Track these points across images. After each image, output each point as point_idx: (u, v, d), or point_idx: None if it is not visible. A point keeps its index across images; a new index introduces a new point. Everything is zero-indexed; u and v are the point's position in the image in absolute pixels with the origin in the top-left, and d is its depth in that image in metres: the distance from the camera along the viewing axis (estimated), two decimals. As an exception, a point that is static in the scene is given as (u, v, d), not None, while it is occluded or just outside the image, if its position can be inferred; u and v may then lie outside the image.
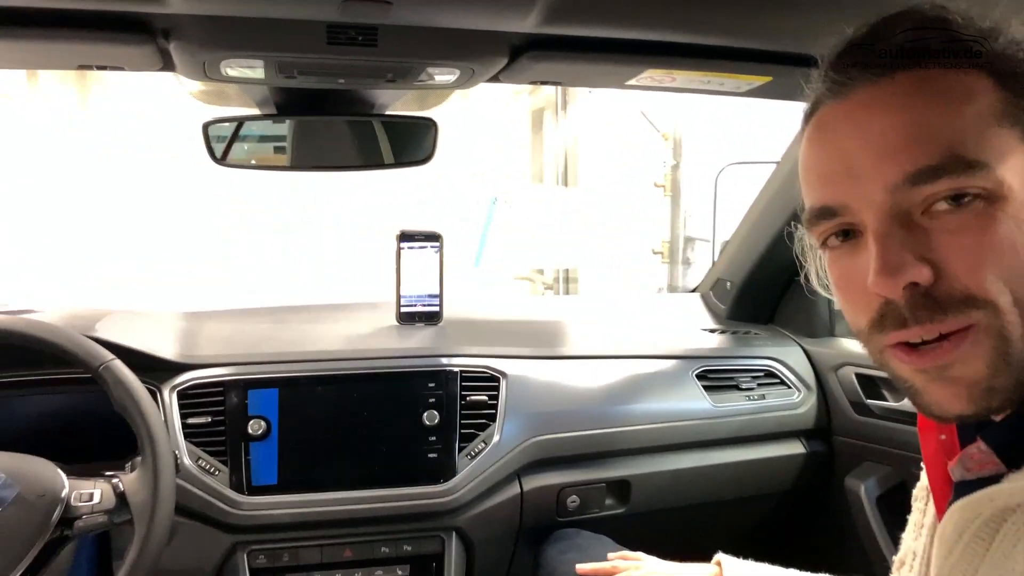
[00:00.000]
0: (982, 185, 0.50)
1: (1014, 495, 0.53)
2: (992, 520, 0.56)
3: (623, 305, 1.98)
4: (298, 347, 1.40)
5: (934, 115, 0.52)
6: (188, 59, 0.92)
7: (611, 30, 0.91)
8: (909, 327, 0.53)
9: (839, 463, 1.59)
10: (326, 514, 1.28)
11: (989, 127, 0.51)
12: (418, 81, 1.03)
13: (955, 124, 0.51)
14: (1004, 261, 0.50)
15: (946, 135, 0.51)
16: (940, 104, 0.52)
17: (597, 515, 1.45)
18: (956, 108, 0.52)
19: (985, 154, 0.50)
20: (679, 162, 4.62)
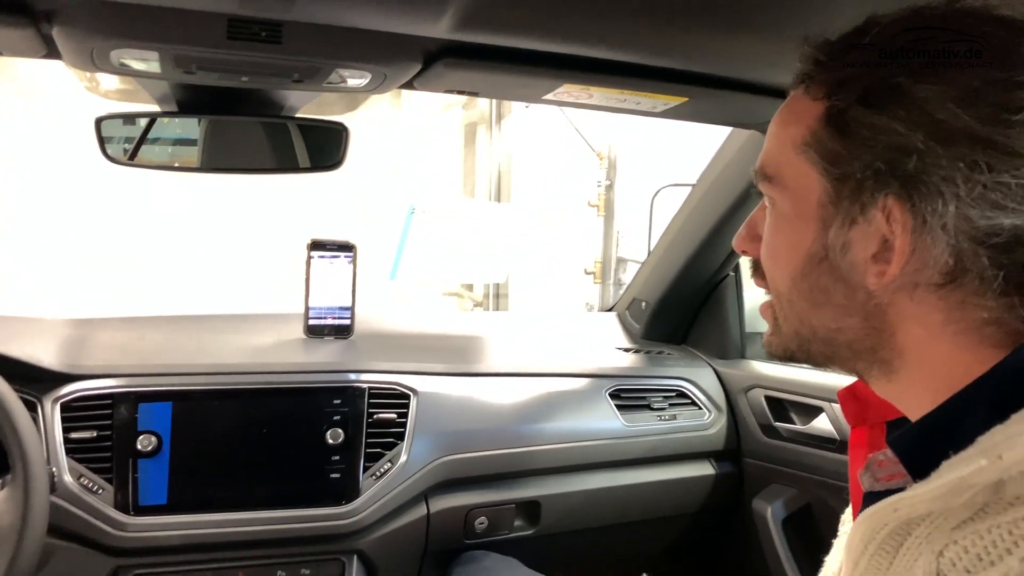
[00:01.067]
0: (770, 194, 0.63)
1: (916, 505, 0.53)
2: (897, 532, 0.56)
3: (539, 322, 1.96)
4: (195, 359, 1.33)
5: (772, 131, 0.63)
6: (74, 47, 0.86)
7: (527, 41, 0.89)
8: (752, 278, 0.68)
9: (747, 484, 1.61)
10: (219, 536, 1.21)
11: (791, 151, 0.60)
12: (327, 83, 0.98)
13: (772, 141, 0.63)
14: (768, 257, 0.64)
15: (767, 150, 0.63)
16: (776, 123, 0.63)
17: (506, 536, 1.42)
18: (781, 128, 0.62)
19: (778, 171, 0.61)
20: (613, 182, 4.64)
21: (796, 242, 0.60)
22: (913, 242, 0.53)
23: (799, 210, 0.60)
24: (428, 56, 0.94)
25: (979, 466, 0.49)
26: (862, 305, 0.58)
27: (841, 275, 0.58)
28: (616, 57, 0.95)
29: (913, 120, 0.52)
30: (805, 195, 0.59)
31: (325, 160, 1.21)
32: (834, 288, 0.59)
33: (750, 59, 0.99)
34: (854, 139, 0.55)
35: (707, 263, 1.68)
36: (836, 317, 0.60)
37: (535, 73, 0.98)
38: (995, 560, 0.48)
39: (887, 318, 0.57)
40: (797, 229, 0.60)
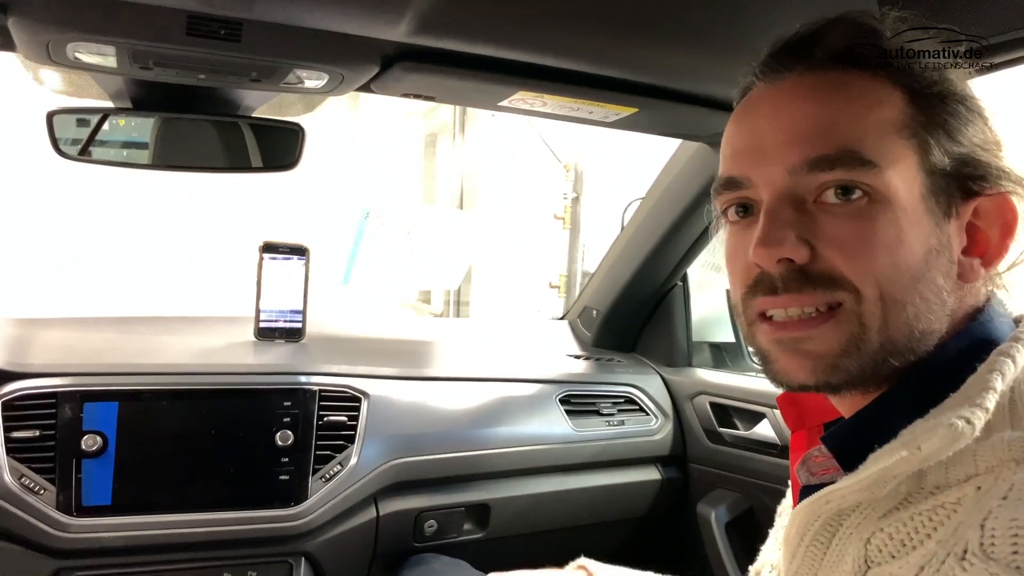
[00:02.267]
0: (870, 183, 0.55)
1: (846, 496, 0.56)
2: (830, 523, 0.58)
3: (492, 329, 1.98)
4: (143, 359, 1.31)
5: (841, 112, 0.56)
6: (29, 39, 0.85)
7: (483, 47, 0.91)
8: (779, 295, 0.57)
9: (693, 489, 1.64)
10: (164, 537, 1.20)
11: (888, 134, 0.55)
12: (285, 83, 0.99)
13: (858, 124, 0.55)
14: (876, 256, 0.54)
15: (848, 132, 0.55)
16: (849, 104, 0.56)
17: (455, 540, 1.43)
18: (863, 111, 0.56)
19: (879, 156, 0.55)
20: (580, 195, 4.55)
21: (912, 236, 0.55)
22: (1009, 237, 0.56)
23: (907, 200, 0.55)
24: (386, 59, 0.95)
25: (900, 457, 0.52)
26: (952, 304, 0.57)
27: (948, 272, 0.56)
28: (569, 66, 0.98)
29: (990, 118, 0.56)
30: (909, 184, 0.55)
31: (280, 161, 1.21)
32: (945, 286, 0.56)
33: (697, 72, 1.03)
34: (955, 134, 0.56)
35: (656, 273, 1.72)
36: (940, 319, 0.56)
37: (491, 79, 1.01)
38: (916, 545, 0.51)
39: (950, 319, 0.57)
40: (911, 222, 0.55)
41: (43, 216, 4.52)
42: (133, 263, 4.48)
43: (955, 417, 0.50)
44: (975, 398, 0.52)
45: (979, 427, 0.50)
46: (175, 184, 4.21)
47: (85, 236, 4.59)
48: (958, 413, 0.51)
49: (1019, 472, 0.49)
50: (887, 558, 0.53)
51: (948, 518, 0.50)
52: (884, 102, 0.56)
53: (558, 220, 4.61)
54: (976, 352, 0.55)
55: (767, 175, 0.58)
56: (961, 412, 0.51)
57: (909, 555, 0.51)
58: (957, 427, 0.50)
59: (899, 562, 0.51)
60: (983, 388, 0.52)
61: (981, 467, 0.50)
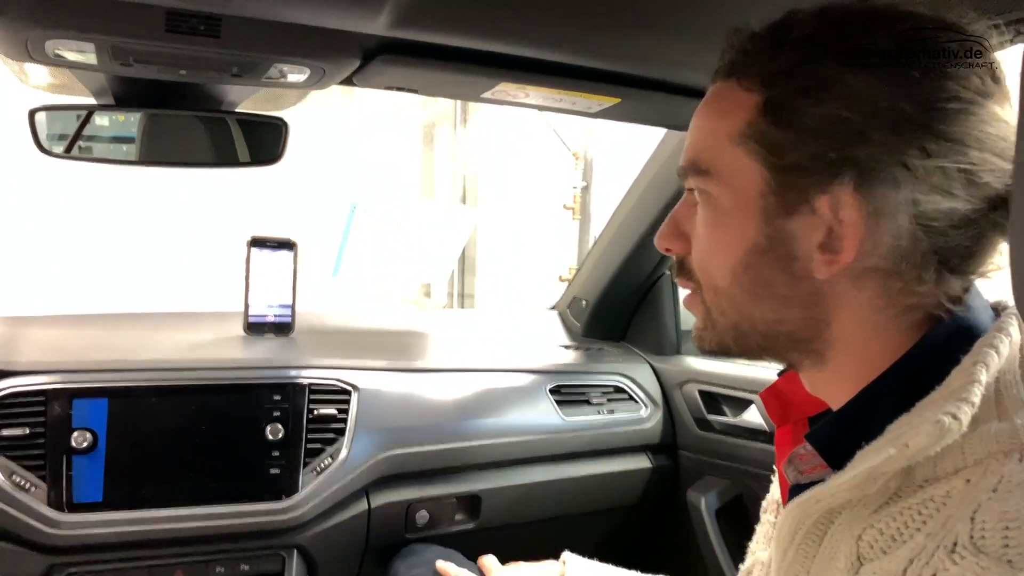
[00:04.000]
0: (705, 188, 0.62)
1: (836, 495, 0.56)
2: (821, 521, 0.59)
3: (481, 320, 1.98)
4: (132, 355, 1.31)
5: (700, 125, 0.63)
6: (8, 36, 0.85)
7: (463, 39, 0.92)
8: (676, 277, 0.68)
9: (683, 477, 1.65)
10: (156, 533, 1.20)
11: (728, 142, 0.60)
12: (267, 78, 0.99)
13: (705, 136, 0.62)
14: (704, 252, 0.63)
15: (698, 143, 0.63)
16: (707, 116, 0.63)
17: (447, 531, 1.44)
18: (712, 122, 0.62)
19: (714, 164, 0.60)
20: (590, 184, 4.33)
21: (736, 235, 0.59)
22: (866, 228, 0.54)
23: (739, 202, 0.59)
24: (367, 53, 0.95)
25: (888, 455, 0.52)
26: (804, 296, 0.58)
27: (785, 266, 0.58)
28: (550, 57, 0.98)
29: (860, 108, 0.53)
30: (745, 187, 0.59)
31: (264, 155, 1.21)
32: (777, 280, 0.59)
33: (678, 62, 1.03)
34: (799, 129, 0.56)
35: (644, 262, 1.72)
36: (777, 308, 0.60)
37: (472, 71, 1.01)
38: (907, 539, 0.51)
39: (826, 308, 0.58)
40: (737, 221, 0.59)
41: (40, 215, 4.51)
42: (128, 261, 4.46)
43: (941, 413, 0.51)
44: (960, 392, 0.52)
45: (966, 422, 0.50)
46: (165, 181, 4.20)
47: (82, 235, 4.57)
48: (944, 409, 0.51)
49: (1008, 464, 0.49)
50: (879, 554, 0.53)
51: (937, 511, 0.50)
52: (733, 112, 0.59)
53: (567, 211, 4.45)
54: (958, 343, 0.55)
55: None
56: (947, 407, 0.51)
57: (899, 549, 0.51)
58: (944, 424, 0.50)
59: (889, 557, 0.51)
60: (968, 381, 0.52)
61: (970, 460, 0.51)
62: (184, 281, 4.24)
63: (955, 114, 0.53)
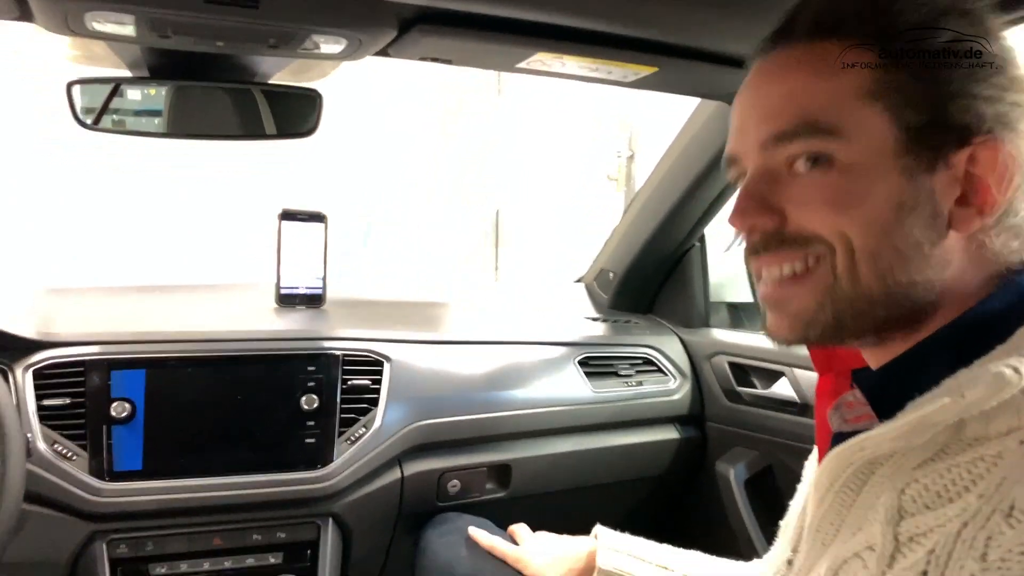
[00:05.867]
0: (832, 149, 0.57)
1: (881, 444, 0.56)
2: (862, 470, 0.59)
3: (509, 292, 1.99)
4: (168, 326, 1.33)
5: (803, 85, 0.59)
6: (48, 9, 0.85)
7: (501, 8, 0.91)
8: (760, 255, 0.62)
9: (711, 448, 1.66)
10: (194, 500, 1.23)
11: (852, 100, 0.57)
12: (302, 49, 0.99)
13: (818, 95, 0.58)
14: (841, 213, 0.57)
15: (808, 103, 0.58)
16: (813, 75, 0.58)
17: (478, 499, 1.46)
18: (823, 80, 0.58)
19: (840, 123, 0.57)
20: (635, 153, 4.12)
21: (880, 193, 0.57)
22: (1002, 182, 0.55)
23: (875, 160, 0.57)
24: (403, 23, 0.95)
25: (942, 404, 0.52)
26: (942, 255, 0.57)
27: (931, 223, 0.56)
28: (587, 26, 0.97)
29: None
30: (878, 144, 0.57)
31: (296, 128, 1.21)
32: (925, 239, 0.56)
33: (716, 29, 1.02)
34: (932, 85, 0.55)
35: (673, 233, 1.71)
36: (922, 270, 0.57)
37: (509, 41, 1.00)
38: (953, 497, 0.51)
39: (949, 268, 0.57)
40: (877, 179, 0.57)
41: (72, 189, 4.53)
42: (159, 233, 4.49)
43: (1002, 366, 0.50)
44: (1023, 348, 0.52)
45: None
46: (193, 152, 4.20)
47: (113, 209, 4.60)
48: (1006, 362, 0.51)
49: None
50: (922, 508, 0.52)
51: (988, 471, 0.50)
52: (851, 68, 0.57)
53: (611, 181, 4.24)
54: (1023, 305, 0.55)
55: (748, 151, 0.63)
56: (1009, 361, 0.51)
57: (945, 507, 0.51)
58: (1004, 375, 0.50)
59: (934, 513, 0.51)
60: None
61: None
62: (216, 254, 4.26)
63: None
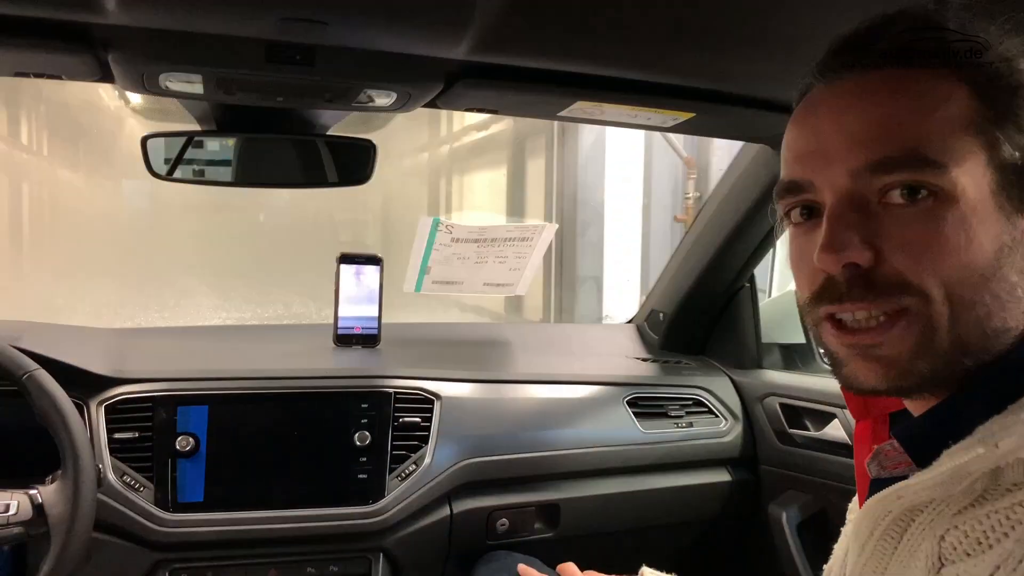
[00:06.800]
0: (936, 183, 0.54)
1: (919, 493, 0.56)
2: (901, 518, 0.58)
3: (559, 333, 2.01)
4: (231, 364, 1.40)
5: (906, 112, 0.55)
6: (127, 71, 0.93)
7: (541, 61, 0.96)
8: (843, 303, 0.57)
9: (764, 490, 1.64)
10: (252, 533, 1.27)
11: (954, 132, 0.54)
12: (357, 103, 1.05)
13: (923, 124, 0.55)
14: (943, 257, 0.54)
15: (912, 132, 0.55)
16: (913, 103, 0.55)
17: (526, 539, 1.47)
18: (927, 109, 0.55)
19: (945, 156, 0.54)
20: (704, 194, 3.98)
21: (984, 233, 0.54)
22: None
23: (979, 197, 0.54)
24: (449, 76, 1.00)
25: (977, 454, 0.51)
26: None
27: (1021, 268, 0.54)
28: (625, 75, 1.01)
29: None
30: (979, 181, 0.54)
31: (353, 175, 1.28)
32: (1021, 283, 0.55)
33: (754, 76, 1.04)
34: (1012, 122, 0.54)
35: (722, 274, 1.72)
36: (1015, 316, 0.55)
37: (550, 91, 1.05)
38: (993, 543, 0.50)
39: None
40: (980, 220, 0.54)
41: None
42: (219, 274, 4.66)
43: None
44: None
45: None
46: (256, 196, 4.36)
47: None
48: None
49: None
50: (962, 556, 0.52)
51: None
52: (948, 99, 0.55)
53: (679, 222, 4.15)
54: None
55: (830, 178, 0.57)
56: None
57: (985, 553, 0.50)
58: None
59: (974, 560, 0.51)
60: None
61: None
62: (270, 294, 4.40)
63: None
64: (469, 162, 6.11)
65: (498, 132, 5.42)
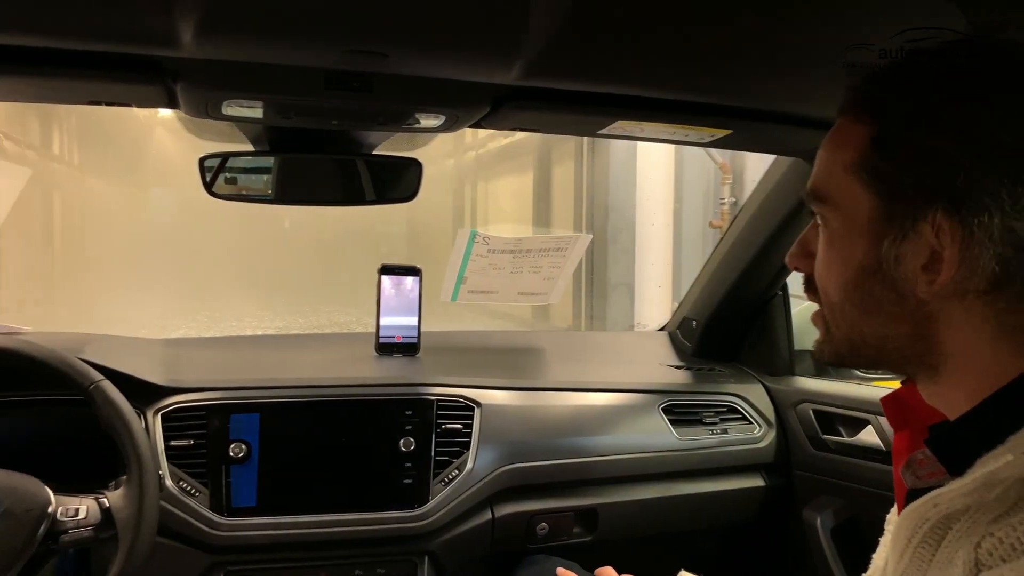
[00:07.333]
0: (823, 213, 0.67)
1: (954, 500, 0.58)
2: (939, 526, 0.61)
3: (592, 340, 2.05)
4: (280, 374, 1.45)
5: (822, 155, 0.68)
6: (193, 98, 0.99)
7: (587, 84, 0.99)
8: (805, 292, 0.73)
9: (797, 496, 1.66)
10: (303, 536, 1.32)
11: (841, 173, 0.65)
12: (406, 125, 1.10)
13: (823, 166, 0.68)
14: (821, 270, 0.68)
15: (819, 172, 0.68)
16: (827, 148, 0.68)
17: (565, 543, 1.50)
18: (831, 152, 0.67)
19: (829, 192, 0.66)
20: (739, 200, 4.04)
21: (848, 256, 0.64)
22: (961, 252, 0.57)
23: (850, 227, 0.64)
24: (496, 100, 1.05)
25: (1007, 461, 0.54)
26: (911, 313, 0.62)
27: (892, 285, 0.62)
28: (665, 96, 1.05)
29: (959, 140, 0.57)
30: (856, 213, 0.63)
31: (399, 193, 1.32)
32: (885, 297, 0.63)
33: (788, 94, 1.08)
34: (902, 160, 0.60)
35: (756, 282, 1.75)
36: (886, 324, 0.64)
37: (592, 112, 1.09)
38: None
39: (935, 325, 0.61)
40: (849, 244, 0.64)
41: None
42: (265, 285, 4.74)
43: None
44: None
45: None
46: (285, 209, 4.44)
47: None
48: None
49: None
50: (998, 562, 0.54)
51: None
52: (847, 144, 0.64)
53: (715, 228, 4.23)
54: None
55: None
56: None
57: (1020, 559, 0.53)
58: None
59: (1010, 566, 0.53)
60: None
61: None
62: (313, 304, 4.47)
63: None
64: (494, 168, 6.15)
65: (524, 138, 5.45)
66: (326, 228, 4.78)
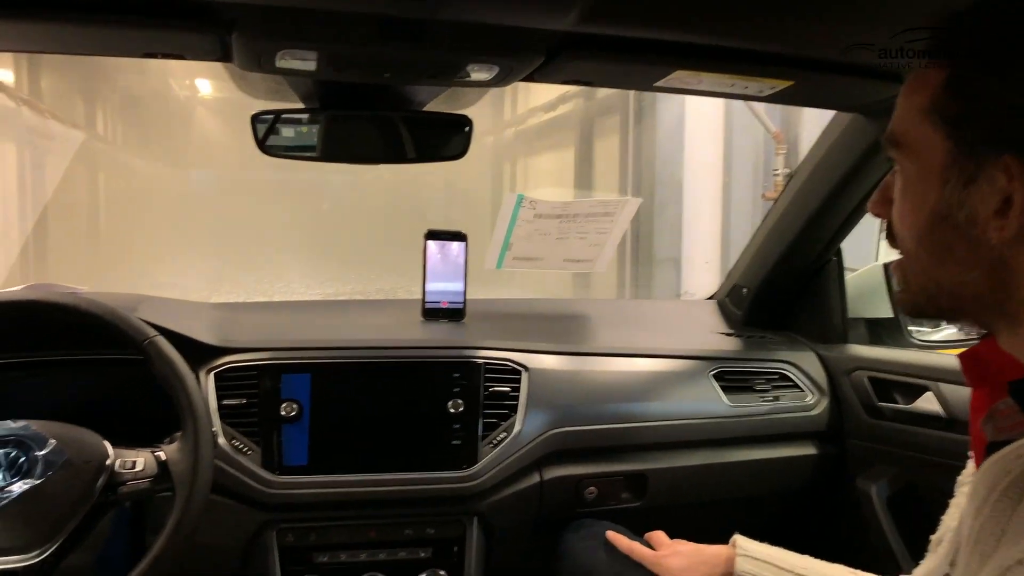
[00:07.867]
0: (898, 159, 0.67)
1: None
2: (1021, 479, 0.58)
3: (639, 308, 2.02)
4: (330, 335, 1.45)
5: (900, 101, 0.68)
6: (247, 49, 0.98)
7: (645, 31, 0.97)
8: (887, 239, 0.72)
9: (851, 464, 1.63)
10: (353, 495, 1.33)
11: (915, 117, 0.65)
12: (457, 78, 1.08)
13: (899, 111, 0.67)
14: (896, 217, 0.68)
15: (896, 118, 0.67)
16: (904, 93, 0.67)
17: (614, 507, 1.49)
18: (907, 96, 0.67)
19: (903, 137, 0.66)
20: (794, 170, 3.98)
21: (921, 202, 0.64)
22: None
23: (924, 172, 0.64)
24: (551, 49, 1.02)
25: None
26: (986, 259, 0.61)
27: (964, 231, 0.61)
28: (726, 43, 1.01)
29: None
30: (929, 158, 0.63)
31: (449, 151, 1.31)
32: (958, 244, 0.62)
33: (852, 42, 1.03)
34: (975, 103, 0.60)
35: (810, 247, 1.71)
36: (961, 272, 0.63)
37: (649, 61, 1.06)
38: None
39: (1009, 272, 0.60)
40: (922, 190, 0.64)
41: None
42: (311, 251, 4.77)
43: None
44: None
45: None
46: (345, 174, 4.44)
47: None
48: None
49: None
50: None
51: None
52: (920, 88, 0.64)
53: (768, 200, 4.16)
54: None
55: None
56: None
57: None
58: None
59: None
60: None
61: None
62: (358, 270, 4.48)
63: None
64: (533, 144, 6.11)
65: (565, 113, 5.41)
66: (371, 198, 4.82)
